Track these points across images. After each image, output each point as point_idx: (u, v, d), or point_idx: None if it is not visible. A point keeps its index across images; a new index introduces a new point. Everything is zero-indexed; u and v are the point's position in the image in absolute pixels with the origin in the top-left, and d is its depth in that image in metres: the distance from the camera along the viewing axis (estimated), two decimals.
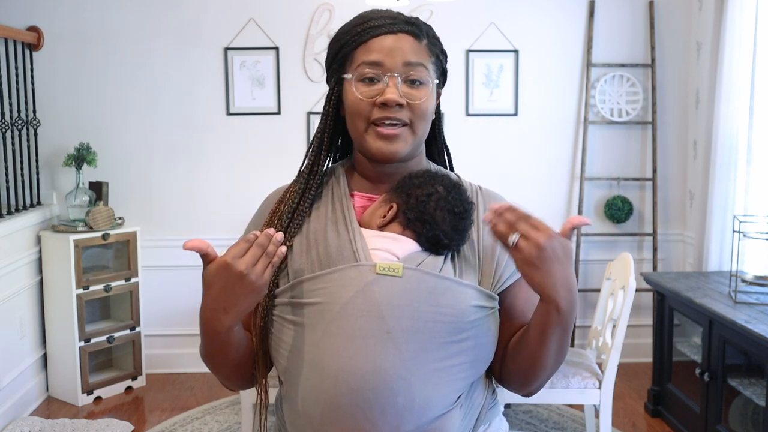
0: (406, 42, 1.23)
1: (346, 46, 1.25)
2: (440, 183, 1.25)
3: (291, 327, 1.18)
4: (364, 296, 1.13)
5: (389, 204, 1.25)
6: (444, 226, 1.21)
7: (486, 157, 4.03)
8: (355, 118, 1.23)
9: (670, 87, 4.05)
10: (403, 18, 1.26)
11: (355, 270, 1.15)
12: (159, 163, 3.99)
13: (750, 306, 2.79)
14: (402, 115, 1.21)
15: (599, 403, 2.70)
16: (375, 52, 1.21)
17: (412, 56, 1.22)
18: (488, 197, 1.32)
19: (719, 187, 3.41)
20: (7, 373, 3.30)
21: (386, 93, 1.20)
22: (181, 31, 3.92)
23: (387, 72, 1.21)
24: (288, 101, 3.96)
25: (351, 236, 1.21)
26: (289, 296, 1.19)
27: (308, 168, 1.29)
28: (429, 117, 1.26)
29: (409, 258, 1.19)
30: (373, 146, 1.23)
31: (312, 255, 1.20)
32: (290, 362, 1.18)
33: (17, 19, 3.82)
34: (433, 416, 1.13)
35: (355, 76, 1.23)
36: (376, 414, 1.10)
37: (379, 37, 1.22)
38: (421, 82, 1.23)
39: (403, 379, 1.10)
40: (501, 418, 1.34)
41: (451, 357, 1.15)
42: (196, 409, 3.52)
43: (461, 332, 1.15)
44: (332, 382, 1.11)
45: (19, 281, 3.44)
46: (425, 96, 1.23)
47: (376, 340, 1.11)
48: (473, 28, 3.97)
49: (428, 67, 1.24)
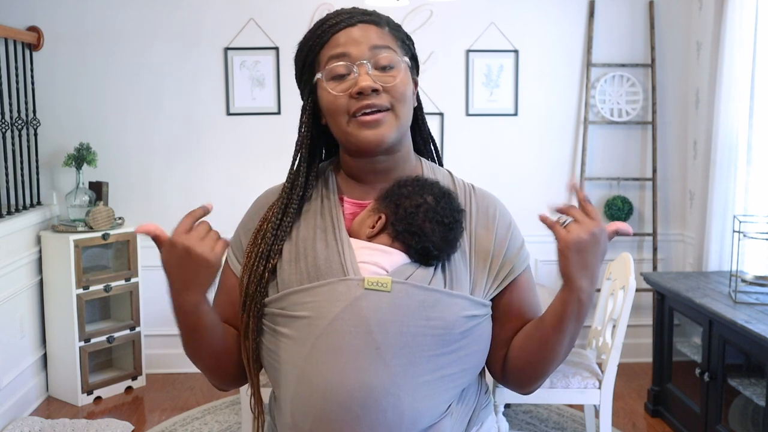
0: (368, 29, 1.21)
1: (311, 52, 1.23)
2: (429, 192, 1.22)
3: (280, 338, 1.17)
4: (353, 312, 1.11)
5: (378, 215, 1.22)
6: (433, 237, 1.18)
7: (486, 157, 4.03)
8: (336, 116, 1.21)
9: (670, 87, 4.05)
10: (359, 10, 1.25)
11: (343, 284, 1.14)
12: (159, 163, 3.99)
13: (750, 306, 2.79)
14: (381, 100, 1.19)
15: (599, 403, 2.70)
16: (339, 46, 1.20)
17: (377, 40, 1.20)
18: (481, 197, 1.30)
19: (719, 187, 3.41)
20: (7, 373, 3.30)
21: (359, 81, 1.18)
22: (181, 31, 3.92)
23: (355, 61, 1.19)
24: (288, 101, 3.96)
25: (340, 247, 1.19)
26: (278, 307, 1.18)
27: (289, 182, 1.26)
28: (408, 100, 1.23)
29: (398, 271, 1.17)
30: (360, 137, 1.19)
31: (301, 266, 1.19)
32: (280, 373, 1.17)
33: (17, 19, 3.82)
34: (423, 427, 1.13)
35: (326, 75, 1.21)
36: (365, 429, 1.09)
37: (340, 32, 1.21)
38: (392, 66, 1.21)
39: (392, 395, 1.10)
40: (494, 417, 1.33)
41: (441, 368, 1.14)
42: (196, 409, 3.52)
43: (451, 343, 1.14)
44: (321, 397, 1.10)
45: (19, 281, 3.44)
46: (398, 76, 1.20)
47: (364, 356, 1.10)
48: (473, 28, 3.97)
49: (396, 50, 1.22)
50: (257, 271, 1.20)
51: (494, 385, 2.67)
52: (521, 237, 1.29)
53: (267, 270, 1.20)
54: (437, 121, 3.99)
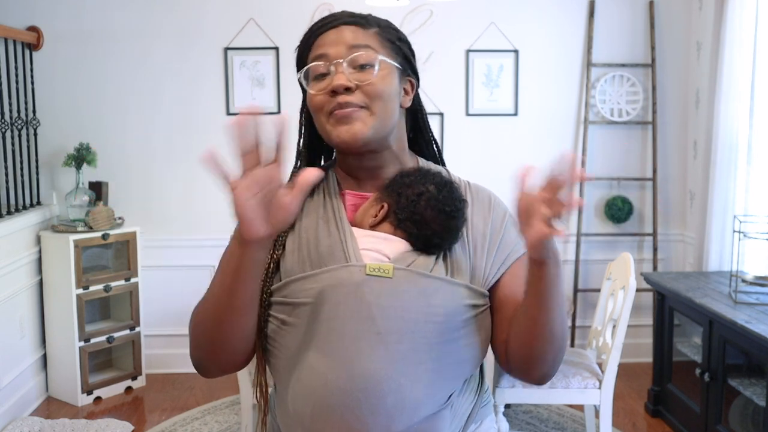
0: (349, 31, 1.23)
1: (301, 55, 1.27)
2: (431, 182, 1.24)
3: (282, 326, 1.18)
4: (355, 297, 1.13)
5: (380, 203, 1.24)
6: (435, 225, 1.20)
7: (486, 157, 4.03)
8: (317, 114, 1.23)
9: (670, 87, 4.05)
10: (347, 13, 1.26)
11: (345, 271, 1.15)
12: (159, 163, 3.98)
13: (750, 306, 2.79)
14: (354, 98, 1.19)
15: (599, 403, 2.70)
16: (319, 47, 1.22)
17: (355, 40, 1.21)
18: (476, 190, 1.32)
19: (719, 187, 3.41)
20: (7, 373, 3.30)
21: (334, 80, 1.19)
22: (181, 31, 3.92)
23: (332, 60, 1.21)
24: (288, 101, 3.96)
25: (342, 236, 1.20)
26: (281, 295, 1.19)
27: (291, 180, 1.27)
28: (388, 98, 1.22)
29: (400, 258, 1.19)
30: (334, 134, 1.21)
31: (303, 254, 1.20)
32: (282, 361, 1.18)
33: (17, 19, 3.81)
34: (424, 416, 1.14)
35: (309, 76, 1.23)
36: (366, 414, 1.10)
37: (323, 34, 1.23)
38: (370, 65, 1.21)
39: (392, 380, 1.11)
40: (493, 417, 1.34)
41: (441, 357, 1.14)
42: (196, 409, 3.52)
43: (452, 332, 1.15)
44: (322, 383, 1.11)
45: (19, 281, 3.44)
46: (375, 74, 1.20)
47: (366, 341, 1.11)
48: (473, 28, 3.97)
49: (377, 49, 1.22)
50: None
51: (494, 386, 2.67)
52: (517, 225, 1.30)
53: (272, 261, 1.21)
54: (437, 121, 3.99)
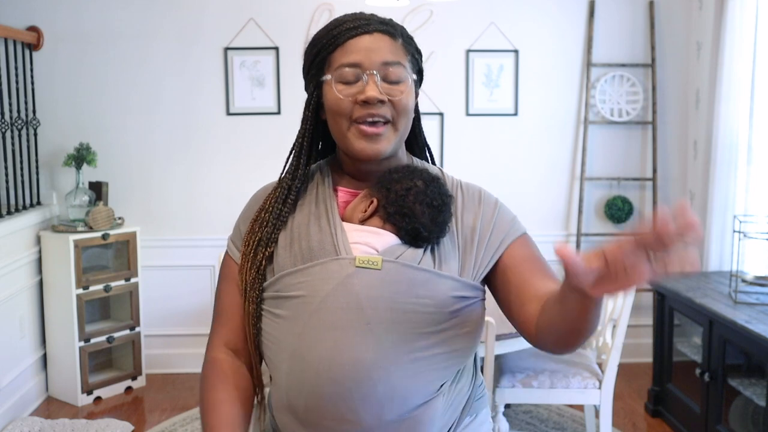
0: (383, 41, 1.24)
1: (324, 50, 1.26)
2: (419, 177, 1.28)
3: (275, 320, 1.21)
4: (344, 289, 1.16)
5: (370, 199, 1.28)
6: (423, 219, 1.23)
7: (486, 157, 4.03)
8: (338, 118, 1.25)
9: (670, 87, 4.05)
10: (377, 18, 1.27)
11: (335, 263, 1.19)
12: (159, 163, 3.98)
13: (750, 306, 2.79)
14: (383, 111, 1.22)
15: (599, 403, 2.70)
16: (353, 53, 1.23)
17: (389, 55, 1.23)
18: (466, 187, 1.34)
19: (719, 187, 3.41)
20: (7, 373, 3.30)
21: (367, 90, 1.21)
22: (181, 31, 3.92)
23: (366, 70, 1.22)
24: (288, 101, 3.96)
25: (332, 230, 1.23)
26: (274, 290, 1.22)
27: (290, 173, 1.30)
28: (410, 113, 1.27)
29: (389, 251, 1.22)
30: (357, 146, 1.24)
31: (295, 249, 1.23)
32: (275, 354, 1.21)
33: (17, 19, 3.81)
34: (415, 405, 1.16)
35: (335, 78, 1.24)
36: (357, 403, 1.13)
37: (356, 39, 1.23)
38: (400, 81, 1.24)
39: (382, 369, 1.14)
40: (488, 411, 1.36)
41: (431, 347, 1.17)
42: (196, 409, 3.52)
43: (441, 323, 1.18)
44: (314, 373, 1.15)
45: (18, 281, 3.44)
46: (404, 91, 1.24)
47: (355, 331, 1.15)
48: (473, 28, 3.97)
49: (405, 65, 1.25)
50: (256, 258, 1.25)
51: (494, 385, 2.67)
52: (512, 213, 1.32)
53: (264, 257, 1.25)
54: (437, 121, 3.99)
